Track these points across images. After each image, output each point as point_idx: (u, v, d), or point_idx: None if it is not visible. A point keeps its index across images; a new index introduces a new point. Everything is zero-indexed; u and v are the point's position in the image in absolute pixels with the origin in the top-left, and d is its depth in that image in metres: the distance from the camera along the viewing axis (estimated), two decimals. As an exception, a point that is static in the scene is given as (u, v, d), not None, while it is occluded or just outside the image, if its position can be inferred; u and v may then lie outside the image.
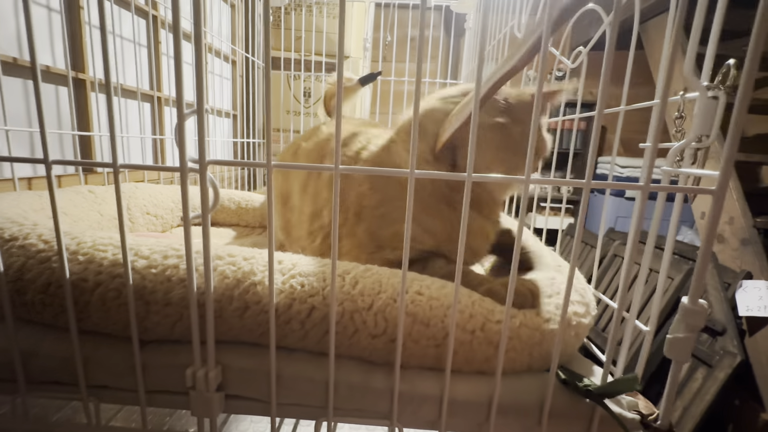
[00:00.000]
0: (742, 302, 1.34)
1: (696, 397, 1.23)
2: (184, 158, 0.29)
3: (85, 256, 0.34)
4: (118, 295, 0.34)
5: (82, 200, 0.59)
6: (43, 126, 0.30)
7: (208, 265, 0.31)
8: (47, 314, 0.35)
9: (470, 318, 0.35)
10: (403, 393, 0.34)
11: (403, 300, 0.31)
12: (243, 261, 0.36)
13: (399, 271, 0.38)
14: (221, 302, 0.34)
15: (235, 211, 0.87)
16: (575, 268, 0.31)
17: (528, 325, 0.35)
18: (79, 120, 0.75)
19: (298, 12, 1.39)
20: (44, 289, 0.34)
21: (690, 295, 0.29)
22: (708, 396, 1.19)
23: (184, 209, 0.30)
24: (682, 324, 0.29)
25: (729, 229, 1.60)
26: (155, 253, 0.35)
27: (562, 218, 0.75)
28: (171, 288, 0.34)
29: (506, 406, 0.34)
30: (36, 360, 0.35)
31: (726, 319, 1.28)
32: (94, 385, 0.35)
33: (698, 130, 0.32)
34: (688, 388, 1.28)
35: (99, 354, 0.35)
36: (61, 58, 0.62)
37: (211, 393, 0.33)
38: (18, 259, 0.34)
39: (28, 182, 0.64)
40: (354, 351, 0.35)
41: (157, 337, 0.35)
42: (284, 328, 0.34)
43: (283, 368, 0.35)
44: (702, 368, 1.29)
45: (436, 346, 0.34)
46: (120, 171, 0.30)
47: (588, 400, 0.33)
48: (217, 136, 1.22)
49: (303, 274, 0.35)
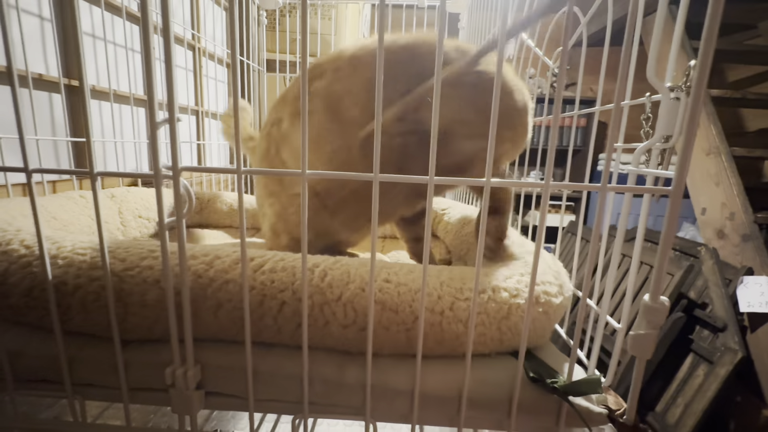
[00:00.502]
0: (743, 298, 1.33)
1: (697, 394, 1.23)
2: (158, 165, 0.30)
3: (64, 260, 0.36)
4: (97, 297, 0.35)
5: (73, 205, 0.60)
6: (22, 134, 0.31)
7: (184, 268, 0.32)
8: (32, 316, 0.36)
9: (438, 299, 0.36)
10: (376, 387, 0.35)
11: (372, 290, 0.32)
12: (216, 260, 0.37)
13: (367, 260, 0.39)
14: (196, 301, 0.35)
15: (227, 213, 0.89)
16: (546, 253, 0.31)
17: (495, 300, 0.37)
18: (75, 126, 0.77)
19: (292, 15, 1.40)
20: (27, 293, 0.35)
21: (651, 292, 0.30)
22: (709, 393, 1.19)
23: (159, 214, 0.31)
24: (643, 321, 0.30)
25: (730, 225, 1.59)
26: (132, 256, 0.36)
27: (562, 215, 0.75)
28: (147, 290, 0.35)
29: (476, 399, 0.35)
30: (23, 359, 0.36)
31: (727, 316, 1.27)
32: (79, 383, 0.37)
33: (663, 130, 0.33)
34: (690, 384, 1.28)
35: (83, 354, 0.36)
36: (54, 65, 0.64)
37: (190, 391, 0.34)
38: (1, 265, 0.36)
39: (23, 188, 0.66)
40: (327, 342, 0.36)
41: (137, 337, 0.37)
42: (258, 324, 0.35)
43: (260, 364, 0.36)
44: (703, 365, 1.28)
45: (407, 331, 0.35)
46: (96, 178, 0.32)
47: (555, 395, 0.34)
48: (213, 139, 1.23)
49: (273, 270, 0.36)
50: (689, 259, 1.49)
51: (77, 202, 0.62)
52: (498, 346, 0.37)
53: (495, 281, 0.38)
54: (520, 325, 0.37)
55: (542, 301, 0.38)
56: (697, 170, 1.66)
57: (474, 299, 0.32)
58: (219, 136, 1.29)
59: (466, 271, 0.40)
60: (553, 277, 0.41)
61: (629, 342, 0.31)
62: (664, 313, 0.30)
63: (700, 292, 1.43)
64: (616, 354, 0.38)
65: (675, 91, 0.32)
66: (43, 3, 0.68)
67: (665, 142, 0.34)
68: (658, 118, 0.33)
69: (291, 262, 0.38)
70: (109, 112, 0.83)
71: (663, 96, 0.33)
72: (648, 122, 0.37)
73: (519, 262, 0.44)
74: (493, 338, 0.37)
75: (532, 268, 0.31)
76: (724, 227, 1.61)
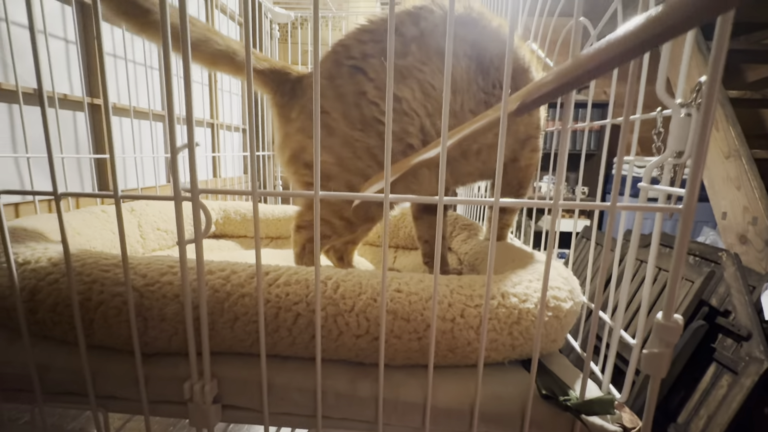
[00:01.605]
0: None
1: (721, 406, 1.19)
2: (177, 188, 0.32)
3: (89, 277, 0.37)
4: (118, 312, 0.36)
5: (95, 220, 0.63)
6: (52, 162, 0.33)
7: (202, 284, 0.34)
8: (57, 331, 0.38)
9: (449, 307, 0.36)
10: (388, 401, 0.35)
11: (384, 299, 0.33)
12: (232, 274, 0.38)
13: (378, 271, 0.40)
14: (213, 315, 0.36)
15: (242, 223, 0.90)
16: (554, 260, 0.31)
17: (505, 305, 0.37)
18: (97, 143, 0.80)
19: (304, 27, 1.43)
20: (53, 308, 0.37)
21: (664, 310, 0.30)
22: (734, 404, 1.15)
23: (179, 234, 0.33)
24: (656, 339, 0.30)
25: (753, 230, 1.55)
26: (152, 271, 0.38)
27: (576, 220, 0.74)
28: (166, 304, 0.36)
29: (488, 414, 0.35)
30: (50, 373, 0.38)
31: (751, 324, 1.23)
32: (102, 395, 0.38)
33: (674, 146, 0.33)
34: (713, 396, 1.24)
35: (106, 367, 0.38)
36: (78, 86, 0.67)
37: (207, 405, 0.35)
38: (30, 281, 0.38)
39: (48, 204, 0.69)
40: (341, 353, 0.37)
41: (156, 350, 0.38)
42: (273, 336, 0.36)
43: (275, 378, 0.37)
44: (727, 375, 1.24)
45: (419, 339, 0.36)
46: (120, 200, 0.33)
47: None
48: (227, 151, 1.26)
49: (287, 283, 0.37)
50: (710, 265, 1.44)
51: (99, 216, 0.64)
52: (510, 352, 0.38)
53: (504, 287, 0.39)
54: (531, 329, 0.37)
55: (552, 306, 0.38)
56: (716, 174, 1.62)
57: (486, 300, 0.32)
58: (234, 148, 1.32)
59: (476, 278, 0.41)
60: (561, 282, 0.41)
61: (642, 361, 0.30)
62: (678, 332, 0.29)
63: (722, 300, 1.39)
64: (631, 370, 0.38)
65: (686, 107, 0.32)
66: (68, 26, 0.71)
67: (677, 157, 0.34)
68: (669, 132, 0.33)
69: (304, 275, 0.39)
70: (129, 127, 0.86)
71: (674, 112, 0.32)
72: (659, 137, 0.37)
73: (527, 269, 0.44)
74: (504, 344, 0.37)
75: (544, 273, 0.31)
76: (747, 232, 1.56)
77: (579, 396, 0.33)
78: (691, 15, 0.21)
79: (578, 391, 0.35)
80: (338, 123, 0.51)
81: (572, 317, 0.40)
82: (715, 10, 0.21)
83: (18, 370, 0.38)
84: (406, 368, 0.38)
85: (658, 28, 0.22)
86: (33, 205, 0.63)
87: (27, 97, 0.60)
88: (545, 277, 0.31)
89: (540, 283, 0.40)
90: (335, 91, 0.51)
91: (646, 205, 0.29)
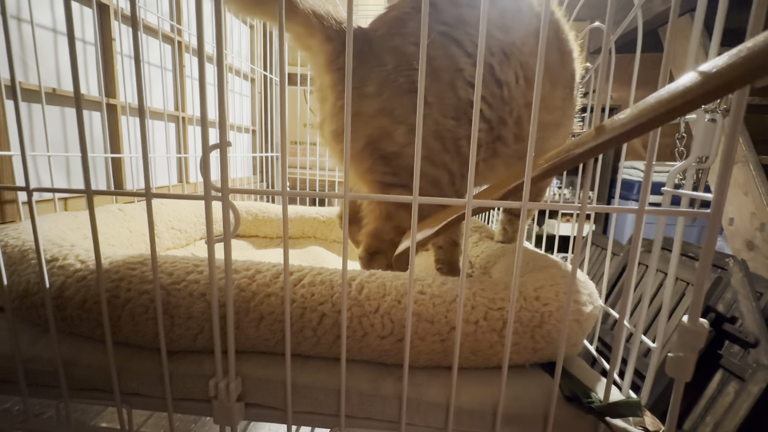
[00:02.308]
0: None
1: (728, 413, 1.18)
2: (209, 188, 0.32)
3: (117, 274, 0.38)
4: (145, 309, 0.37)
5: (113, 218, 0.63)
6: (86, 158, 0.33)
7: (230, 284, 0.34)
8: (84, 328, 0.38)
9: (472, 309, 0.37)
10: (411, 400, 0.36)
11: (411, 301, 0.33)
12: (257, 274, 0.38)
13: (402, 273, 0.40)
14: (238, 314, 0.36)
15: (253, 223, 0.91)
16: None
17: (528, 309, 0.37)
18: (112, 142, 0.81)
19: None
20: (81, 305, 0.37)
21: (689, 315, 0.30)
22: (741, 411, 1.15)
23: (209, 233, 0.33)
24: (681, 343, 0.30)
25: (760, 236, 1.54)
26: (178, 270, 0.38)
27: (581, 225, 0.75)
28: (192, 303, 0.36)
29: (510, 416, 0.35)
30: (76, 369, 0.38)
31: (759, 331, 1.23)
32: (127, 392, 0.38)
33: (698, 151, 0.33)
34: (720, 402, 1.24)
35: (131, 364, 0.38)
36: (94, 85, 0.67)
37: (231, 403, 0.36)
38: (58, 278, 0.38)
39: (64, 203, 0.70)
40: (364, 353, 0.37)
41: (181, 348, 0.38)
42: (298, 336, 0.37)
43: (298, 377, 0.37)
44: (734, 382, 1.24)
45: (442, 341, 0.36)
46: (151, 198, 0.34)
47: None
48: (237, 152, 1.27)
49: (312, 283, 0.38)
50: (716, 270, 1.44)
51: (116, 215, 0.65)
52: (531, 355, 0.38)
53: (526, 290, 0.39)
54: (553, 333, 0.37)
55: (573, 309, 0.39)
56: (723, 179, 1.61)
57: (512, 303, 0.33)
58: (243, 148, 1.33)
59: (498, 281, 0.41)
60: (581, 286, 0.41)
61: (667, 364, 0.31)
62: (703, 336, 0.29)
63: (729, 306, 1.39)
64: (650, 374, 0.38)
65: (710, 112, 0.32)
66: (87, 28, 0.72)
67: (700, 163, 0.34)
68: (693, 138, 0.34)
69: (329, 275, 0.39)
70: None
71: (698, 117, 0.33)
72: (682, 141, 0.38)
73: (546, 273, 0.44)
74: (526, 347, 0.37)
75: (570, 277, 0.31)
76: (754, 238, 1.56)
77: (603, 399, 0.34)
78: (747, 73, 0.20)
79: (600, 393, 0.35)
80: (432, 108, 0.41)
81: (591, 321, 0.41)
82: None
83: (44, 366, 0.38)
84: (428, 369, 0.38)
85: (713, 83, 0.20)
86: (51, 204, 0.64)
87: (36, 95, 0.60)
88: (571, 281, 0.32)
89: (560, 287, 0.40)
90: (429, 65, 0.39)
91: (673, 209, 0.29)
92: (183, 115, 0.97)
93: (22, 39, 0.61)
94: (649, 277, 0.37)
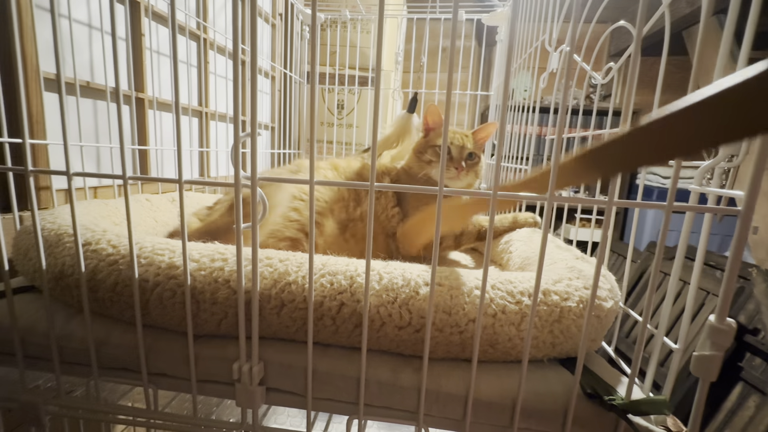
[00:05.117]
0: (800, 323, 1.24)
1: (748, 427, 1.15)
2: (238, 175, 0.33)
3: (146, 260, 0.39)
4: (173, 294, 0.38)
5: (139, 207, 0.65)
6: (123, 146, 0.35)
7: (256, 271, 0.35)
8: (114, 310, 0.40)
9: (491, 302, 0.37)
10: (430, 391, 0.36)
11: (433, 292, 0.34)
12: (279, 263, 0.39)
13: (417, 264, 0.41)
14: (261, 301, 0.37)
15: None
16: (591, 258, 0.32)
17: (547, 303, 0.37)
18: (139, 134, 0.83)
19: (333, 28, 1.45)
20: (113, 288, 0.39)
21: (717, 313, 0.30)
22: (762, 426, 1.11)
23: (237, 220, 0.34)
24: (708, 342, 0.30)
25: (784, 246, 1.49)
26: (204, 257, 0.39)
27: (593, 230, 0.74)
28: (217, 288, 0.38)
29: (529, 410, 0.35)
30: (106, 348, 0.40)
31: (783, 344, 1.19)
32: (154, 372, 0.40)
33: (726, 149, 0.33)
34: (739, 416, 1.20)
35: (158, 345, 0.40)
36: (124, 79, 0.70)
37: (254, 386, 0.37)
38: (91, 262, 0.40)
39: (94, 191, 0.72)
40: (383, 343, 0.38)
41: (206, 332, 0.40)
42: (317, 324, 0.37)
43: (318, 364, 0.38)
44: (755, 395, 1.20)
45: (460, 333, 0.37)
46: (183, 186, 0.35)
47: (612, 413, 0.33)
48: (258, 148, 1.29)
49: (331, 273, 0.38)
50: (738, 280, 1.40)
51: (143, 204, 0.67)
52: (550, 350, 0.38)
53: (545, 285, 0.39)
54: (572, 328, 0.37)
55: (594, 305, 0.38)
56: (747, 186, 1.57)
57: (535, 296, 0.33)
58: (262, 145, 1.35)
59: (516, 275, 0.41)
60: (602, 281, 0.41)
61: (693, 363, 0.30)
62: (730, 335, 0.29)
63: (751, 317, 1.35)
64: (672, 375, 0.37)
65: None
66: (119, 23, 0.75)
67: (729, 161, 0.34)
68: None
69: (346, 266, 0.40)
70: (168, 121, 0.89)
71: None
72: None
73: (565, 267, 0.44)
74: (545, 342, 0.37)
75: (594, 274, 0.31)
76: (776, 245, 1.51)
77: (625, 397, 0.33)
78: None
79: (621, 391, 0.35)
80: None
81: (612, 316, 0.40)
82: None
83: (76, 344, 0.40)
84: (447, 361, 0.39)
85: None
86: (82, 192, 0.66)
87: (71, 88, 0.63)
88: (596, 277, 0.32)
89: (580, 281, 0.40)
90: None
91: (701, 206, 0.29)
92: (206, 110, 1.00)
93: (60, 33, 0.64)
94: (671, 282, 0.37)
